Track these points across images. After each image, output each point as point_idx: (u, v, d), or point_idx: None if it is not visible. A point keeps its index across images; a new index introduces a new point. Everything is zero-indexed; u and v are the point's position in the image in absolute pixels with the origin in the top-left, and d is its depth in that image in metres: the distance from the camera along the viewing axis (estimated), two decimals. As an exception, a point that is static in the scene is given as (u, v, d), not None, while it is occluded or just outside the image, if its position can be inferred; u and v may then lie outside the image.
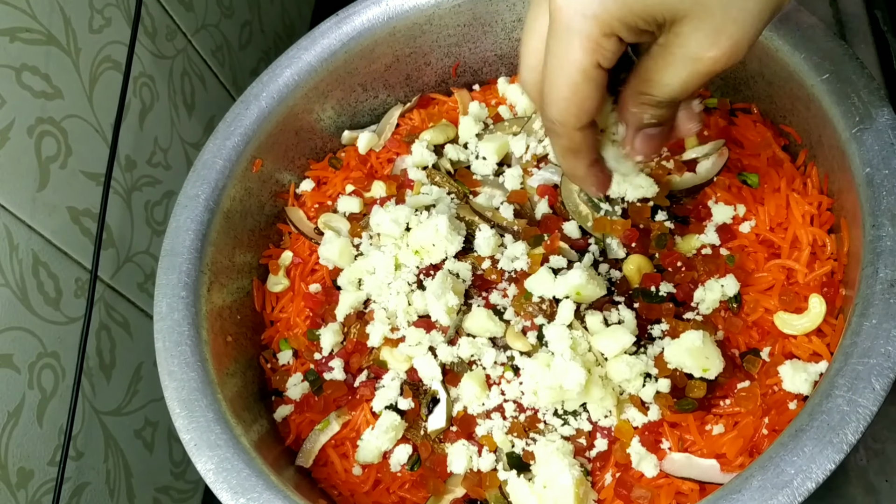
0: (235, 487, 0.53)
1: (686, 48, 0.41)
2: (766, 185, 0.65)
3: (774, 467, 0.46)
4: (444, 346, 0.62)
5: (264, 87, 0.74)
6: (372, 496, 0.60)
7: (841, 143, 0.57)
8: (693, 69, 0.42)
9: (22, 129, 0.68)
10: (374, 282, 0.67)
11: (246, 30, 1.08)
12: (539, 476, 0.55)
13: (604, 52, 0.42)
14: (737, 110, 0.71)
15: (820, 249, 0.61)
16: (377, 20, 0.75)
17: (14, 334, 0.67)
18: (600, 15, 0.40)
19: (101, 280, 0.78)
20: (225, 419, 0.57)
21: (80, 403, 0.73)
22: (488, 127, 0.76)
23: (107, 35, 0.79)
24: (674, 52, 0.42)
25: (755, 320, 0.60)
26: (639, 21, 0.40)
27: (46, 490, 0.68)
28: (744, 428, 0.55)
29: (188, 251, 0.65)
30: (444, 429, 0.60)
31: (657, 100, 0.44)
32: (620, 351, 0.58)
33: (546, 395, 0.57)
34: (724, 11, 0.39)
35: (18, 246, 0.67)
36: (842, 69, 0.59)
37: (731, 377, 0.57)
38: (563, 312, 0.60)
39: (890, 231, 0.52)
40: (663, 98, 0.44)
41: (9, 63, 0.67)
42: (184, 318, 0.62)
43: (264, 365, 0.69)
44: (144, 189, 0.85)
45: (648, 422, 0.57)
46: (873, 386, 0.47)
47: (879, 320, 0.49)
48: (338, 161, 0.78)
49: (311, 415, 0.65)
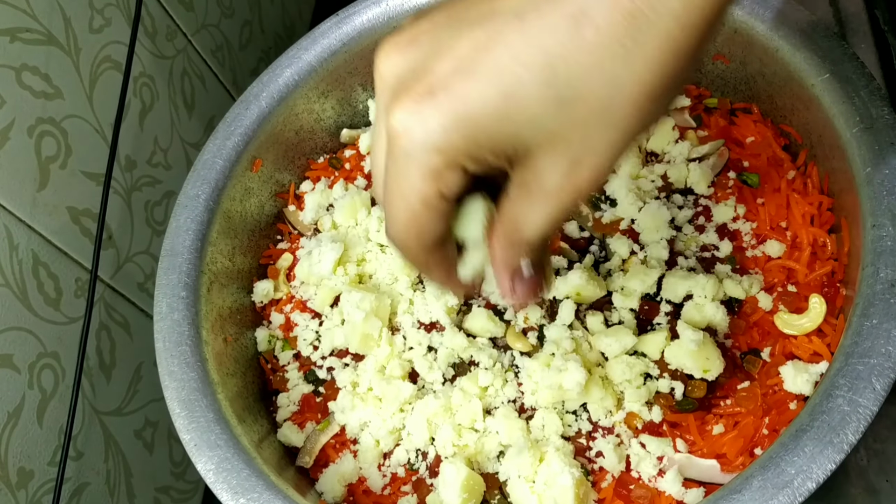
0: (235, 487, 0.53)
1: (545, 182, 0.37)
2: (766, 185, 0.65)
3: (775, 467, 0.46)
4: (444, 347, 0.62)
5: (264, 87, 0.74)
6: (372, 496, 0.60)
7: (841, 143, 0.57)
8: (556, 204, 0.38)
9: (22, 129, 0.68)
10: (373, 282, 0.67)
11: (246, 30, 1.08)
12: (539, 476, 0.55)
13: (447, 183, 0.37)
14: (737, 110, 0.71)
15: (820, 249, 0.61)
16: (377, 20, 0.75)
17: (14, 334, 0.67)
18: (443, 148, 0.35)
19: (101, 280, 0.78)
20: (225, 419, 0.57)
21: (80, 403, 0.73)
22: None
23: (107, 35, 0.79)
24: (533, 190, 0.38)
25: (755, 320, 0.60)
26: (487, 155, 0.36)
27: (46, 490, 0.68)
28: (744, 428, 0.55)
29: (188, 251, 0.65)
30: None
31: (523, 239, 0.40)
32: (621, 351, 0.58)
33: (546, 395, 0.57)
34: (583, 141, 0.35)
35: (18, 246, 0.67)
36: (842, 69, 0.59)
37: (731, 377, 0.57)
38: (563, 312, 0.60)
39: (890, 231, 0.52)
40: (529, 237, 0.40)
41: (9, 63, 0.67)
42: (184, 318, 0.62)
43: (264, 365, 0.69)
44: (144, 189, 0.85)
45: (648, 422, 0.57)
46: (874, 386, 0.47)
47: (880, 320, 0.49)
48: (338, 161, 0.78)
49: (311, 415, 0.65)
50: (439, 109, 0.35)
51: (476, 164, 0.37)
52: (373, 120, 0.79)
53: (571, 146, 0.35)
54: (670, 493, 0.55)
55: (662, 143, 0.68)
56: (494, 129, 0.35)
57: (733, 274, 0.61)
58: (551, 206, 0.38)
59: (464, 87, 0.34)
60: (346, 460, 0.61)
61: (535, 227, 0.39)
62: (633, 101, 0.34)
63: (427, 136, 0.35)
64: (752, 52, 0.66)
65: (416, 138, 0.35)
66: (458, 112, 0.35)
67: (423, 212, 0.38)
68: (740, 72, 0.69)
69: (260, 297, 0.71)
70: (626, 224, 0.65)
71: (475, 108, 0.34)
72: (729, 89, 0.71)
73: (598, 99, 0.34)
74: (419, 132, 0.35)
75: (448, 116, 0.35)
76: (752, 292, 0.60)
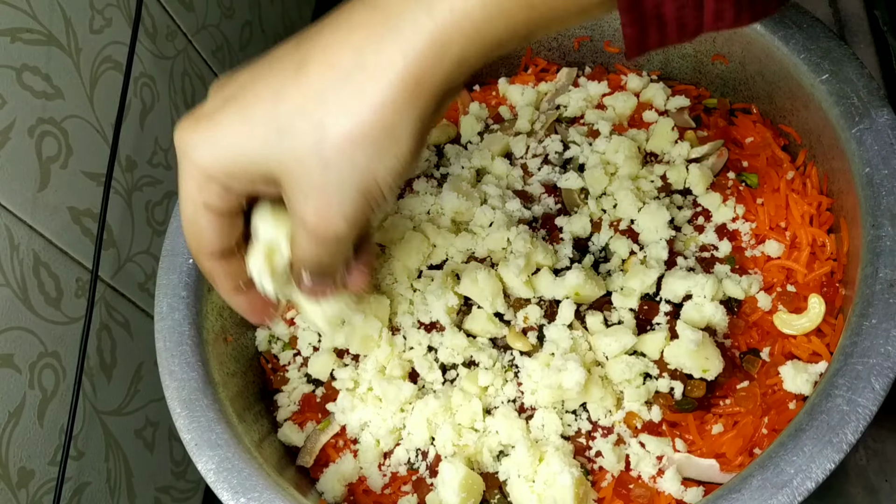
0: (236, 487, 0.53)
1: (294, 211, 0.42)
2: (766, 185, 0.65)
3: (774, 467, 0.46)
4: (444, 347, 0.62)
5: (265, 87, 0.74)
6: (372, 496, 0.60)
7: (841, 143, 0.58)
8: (307, 234, 0.42)
9: (22, 129, 0.68)
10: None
11: (246, 30, 1.08)
12: (539, 476, 0.55)
13: (211, 196, 0.43)
14: (736, 110, 0.71)
15: (819, 249, 0.61)
16: (377, 20, 0.75)
17: (15, 334, 0.67)
18: (205, 166, 0.42)
19: (102, 280, 0.78)
20: (226, 419, 0.57)
21: (81, 403, 0.73)
22: (489, 127, 0.76)
23: (107, 35, 0.79)
24: (293, 217, 0.42)
25: (755, 320, 0.60)
26: (243, 178, 0.42)
27: (47, 490, 0.68)
28: (743, 427, 0.56)
29: (189, 251, 0.65)
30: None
31: (304, 265, 0.45)
32: (621, 351, 0.58)
33: (546, 395, 0.57)
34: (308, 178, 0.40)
35: (19, 246, 0.67)
36: (842, 69, 0.59)
37: (730, 377, 0.58)
38: (563, 312, 0.60)
39: (890, 231, 0.52)
40: (306, 265, 0.45)
41: (9, 63, 0.67)
42: (184, 318, 0.62)
43: (265, 365, 0.69)
44: (145, 189, 0.85)
45: (648, 421, 0.57)
46: (873, 386, 0.47)
47: (879, 320, 0.49)
48: (338, 161, 0.78)
49: (312, 415, 0.65)
50: (197, 131, 0.42)
51: (240, 185, 0.42)
52: None
53: (301, 180, 0.40)
54: (669, 493, 0.55)
55: (662, 143, 0.68)
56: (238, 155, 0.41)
57: (732, 274, 0.61)
58: (305, 236, 0.42)
59: (219, 117, 0.41)
60: (346, 460, 0.61)
61: (302, 252, 0.44)
62: (335, 146, 0.39)
63: (196, 150, 0.42)
64: (751, 53, 0.66)
65: (188, 149, 0.42)
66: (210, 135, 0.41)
67: (196, 216, 0.44)
68: (740, 72, 0.69)
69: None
70: (626, 224, 0.65)
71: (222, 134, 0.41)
72: (728, 89, 0.71)
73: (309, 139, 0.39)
74: (184, 147, 0.42)
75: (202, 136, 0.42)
76: (751, 292, 0.60)
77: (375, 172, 0.40)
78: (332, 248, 0.43)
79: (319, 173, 0.39)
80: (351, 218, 0.41)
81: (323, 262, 0.44)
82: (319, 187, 0.40)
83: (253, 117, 0.40)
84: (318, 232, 0.42)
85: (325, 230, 0.41)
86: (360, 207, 0.41)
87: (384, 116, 0.38)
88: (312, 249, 0.43)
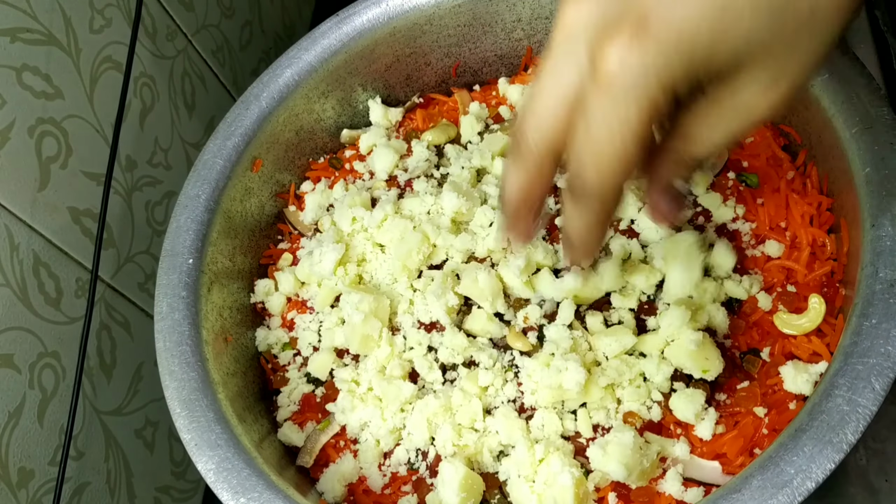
0: (236, 487, 0.53)
1: (739, 98, 0.38)
2: (766, 186, 0.65)
3: (774, 467, 0.46)
4: (444, 347, 0.62)
5: (265, 87, 0.74)
6: (372, 495, 0.60)
7: (841, 143, 0.57)
8: (744, 120, 0.39)
9: (23, 129, 0.68)
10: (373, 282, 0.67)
11: (246, 30, 1.08)
12: (539, 476, 0.55)
13: (660, 110, 0.37)
14: (737, 110, 0.71)
15: (820, 249, 0.61)
16: (377, 20, 0.75)
17: (15, 334, 0.67)
18: (663, 76, 0.36)
19: (102, 280, 0.78)
20: (225, 419, 0.57)
21: (81, 403, 0.73)
22: (489, 127, 0.76)
23: (107, 35, 0.79)
24: (723, 104, 0.38)
25: (755, 320, 0.60)
26: (700, 73, 0.37)
27: (47, 490, 0.68)
28: (744, 427, 0.56)
29: (189, 251, 0.65)
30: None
31: (694, 156, 0.41)
32: (621, 351, 0.58)
33: (546, 395, 0.57)
34: (788, 53, 0.36)
35: (19, 246, 0.67)
36: (842, 69, 0.59)
37: (731, 377, 0.58)
38: (563, 312, 0.60)
39: (890, 231, 0.52)
40: (701, 154, 0.41)
41: (9, 63, 0.67)
42: (184, 318, 0.62)
43: (265, 365, 0.69)
44: (145, 189, 0.85)
45: (648, 421, 0.57)
46: (873, 386, 0.47)
47: (879, 320, 0.49)
48: (338, 161, 0.78)
49: (312, 415, 0.65)
50: (657, 38, 0.35)
51: (688, 86, 0.37)
52: (374, 120, 0.79)
53: (778, 58, 0.36)
54: (670, 493, 0.55)
55: (662, 143, 0.68)
56: (711, 47, 0.35)
57: (733, 274, 0.61)
58: (737, 123, 0.39)
59: (676, 12, 0.34)
60: (346, 460, 0.61)
61: (710, 143, 0.40)
62: (836, 4, 0.34)
63: (648, 67, 0.35)
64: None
65: (638, 71, 0.35)
66: (676, 38, 0.35)
67: (633, 146, 0.38)
68: (740, 72, 0.69)
69: (260, 296, 0.71)
70: (626, 224, 0.65)
71: (691, 30, 0.35)
72: (729, 89, 0.71)
73: (806, 4, 0.34)
74: (639, 65, 0.35)
75: (667, 44, 0.35)
76: (751, 292, 0.60)
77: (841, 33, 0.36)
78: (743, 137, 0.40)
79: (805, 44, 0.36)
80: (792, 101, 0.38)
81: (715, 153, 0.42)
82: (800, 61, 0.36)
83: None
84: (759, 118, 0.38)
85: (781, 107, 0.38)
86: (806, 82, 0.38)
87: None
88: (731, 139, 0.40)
